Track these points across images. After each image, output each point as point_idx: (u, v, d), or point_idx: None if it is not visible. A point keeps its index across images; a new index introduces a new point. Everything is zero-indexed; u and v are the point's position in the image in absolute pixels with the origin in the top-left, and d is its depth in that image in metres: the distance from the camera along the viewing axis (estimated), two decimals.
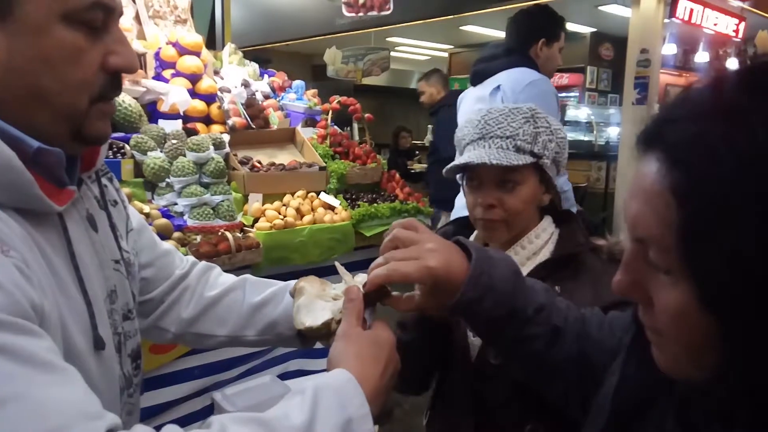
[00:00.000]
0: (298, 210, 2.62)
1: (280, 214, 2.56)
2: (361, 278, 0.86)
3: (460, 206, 2.55)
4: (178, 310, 0.98)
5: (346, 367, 0.69)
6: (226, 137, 2.63)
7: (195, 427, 0.63)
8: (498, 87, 2.33)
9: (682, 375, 0.51)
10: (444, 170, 1.20)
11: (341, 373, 0.67)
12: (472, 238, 1.25)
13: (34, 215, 0.62)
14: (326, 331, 0.81)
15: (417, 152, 7.41)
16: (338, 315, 0.80)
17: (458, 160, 1.16)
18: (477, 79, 2.51)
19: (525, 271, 1.14)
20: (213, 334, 0.99)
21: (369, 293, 0.80)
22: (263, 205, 2.59)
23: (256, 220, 2.52)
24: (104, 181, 0.82)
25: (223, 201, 2.41)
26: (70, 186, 0.68)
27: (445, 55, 10.04)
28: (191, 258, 1.07)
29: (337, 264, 0.92)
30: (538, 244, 1.17)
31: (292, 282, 1.00)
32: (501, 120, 1.13)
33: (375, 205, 2.86)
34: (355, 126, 3.50)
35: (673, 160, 0.44)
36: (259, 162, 2.72)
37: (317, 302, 0.84)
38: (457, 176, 1.25)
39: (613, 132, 6.89)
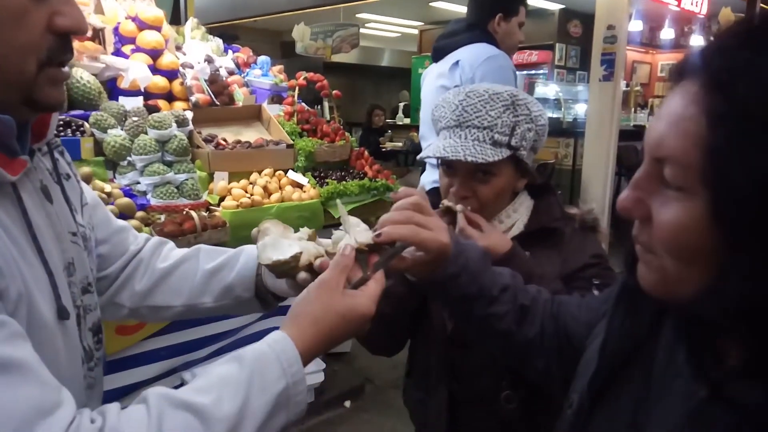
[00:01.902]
0: (265, 188, 2.59)
1: (246, 192, 2.53)
2: (361, 228, 0.86)
3: (424, 184, 2.55)
4: (132, 284, 0.97)
5: (297, 326, 0.70)
6: (189, 114, 2.58)
7: (134, 403, 0.64)
8: (457, 62, 2.32)
9: (664, 293, 0.53)
10: (418, 156, 1.20)
11: (282, 339, 0.68)
12: None
13: None
14: (294, 265, 0.81)
15: (389, 131, 7.39)
16: (309, 251, 0.83)
17: (433, 149, 1.12)
18: (438, 55, 2.50)
19: None
20: (168, 305, 0.97)
21: (370, 245, 0.81)
22: (229, 183, 2.55)
23: (222, 199, 2.48)
24: (56, 154, 0.80)
25: (187, 179, 2.37)
26: (22, 156, 0.67)
27: (416, 32, 9.96)
28: (145, 234, 1.05)
29: (339, 205, 0.94)
30: (514, 218, 1.18)
31: (245, 247, 1.01)
32: (479, 107, 1.09)
33: (344, 182, 2.85)
34: (326, 105, 3.45)
35: (717, 84, 0.46)
36: (224, 140, 2.68)
37: (283, 241, 0.84)
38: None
39: (581, 109, 6.97)
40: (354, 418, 2.89)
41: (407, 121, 8.16)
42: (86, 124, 2.26)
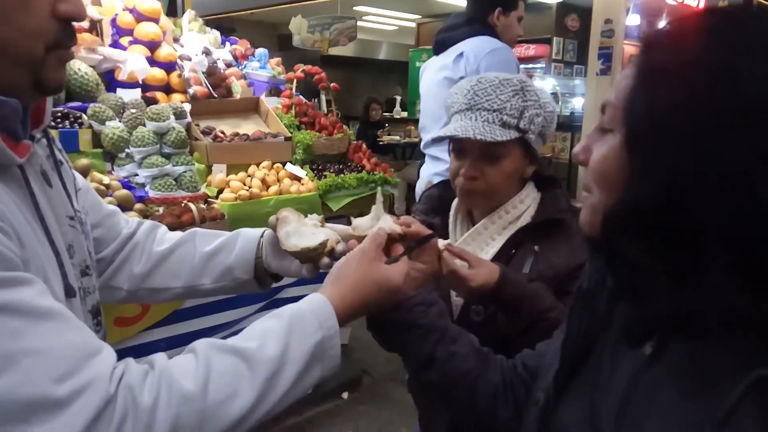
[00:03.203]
0: (263, 181, 2.60)
1: (245, 185, 2.53)
2: (389, 220, 0.93)
3: (424, 176, 2.56)
4: (130, 266, 0.99)
5: (336, 287, 0.77)
6: (187, 106, 2.58)
7: (183, 351, 0.69)
8: (461, 54, 2.33)
9: (594, 224, 0.60)
10: (431, 138, 1.22)
11: (319, 298, 0.75)
12: (455, 201, 1.28)
13: None
14: (321, 251, 0.89)
15: (387, 124, 7.38)
16: (331, 238, 0.90)
17: (445, 129, 1.16)
18: (440, 47, 2.51)
19: (506, 235, 1.18)
20: (167, 287, 1.00)
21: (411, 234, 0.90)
22: (227, 176, 2.56)
23: (220, 192, 2.49)
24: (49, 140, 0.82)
25: (185, 172, 2.37)
26: (25, 140, 0.69)
27: (413, 25, 9.93)
28: (136, 218, 1.08)
29: (378, 192, 1.01)
30: (521, 209, 1.20)
31: (241, 230, 1.06)
32: (490, 92, 1.13)
33: (342, 175, 2.85)
34: (323, 98, 3.45)
35: (645, 47, 0.58)
36: (222, 132, 2.68)
37: (304, 229, 0.91)
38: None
39: (578, 103, 6.97)
40: (351, 409, 2.91)
41: (404, 114, 8.15)
42: (84, 116, 2.26)
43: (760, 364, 0.45)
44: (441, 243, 1.05)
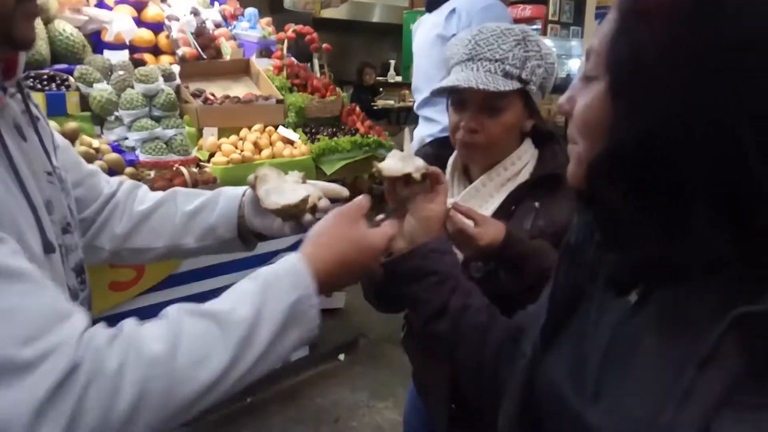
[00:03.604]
0: (255, 144, 2.57)
1: (237, 148, 2.50)
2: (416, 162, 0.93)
3: (418, 138, 2.53)
4: (111, 226, 0.98)
5: (312, 246, 0.75)
6: (176, 68, 2.53)
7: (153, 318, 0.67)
8: (453, 10, 2.28)
9: (580, 175, 0.61)
10: (431, 91, 1.19)
11: (295, 257, 0.73)
12: (451, 159, 1.26)
13: None
14: (303, 208, 0.87)
15: (381, 89, 7.28)
16: (312, 194, 0.88)
17: (445, 81, 1.14)
18: (432, 5, 2.45)
19: (505, 192, 1.16)
20: (149, 246, 0.99)
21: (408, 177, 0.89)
22: (219, 139, 2.53)
23: (212, 155, 2.46)
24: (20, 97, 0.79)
25: (175, 135, 2.34)
26: None
27: None
28: (117, 178, 1.06)
29: (406, 132, 1.01)
30: (519, 165, 1.18)
31: (223, 188, 1.04)
32: (492, 41, 1.11)
33: (335, 138, 2.82)
34: (315, 62, 3.39)
35: None
36: (213, 95, 2.63)
37: (284, 186, 0.89)
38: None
39: (574, 65, 6.87)
40: (348, 370, 2.95)
41: (399, 79, 8.04)
42: (71, 78, 2.21)
43: (741, 303, 0.45)
44: (447, 201, 1.05)
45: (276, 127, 2.71)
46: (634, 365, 0.54)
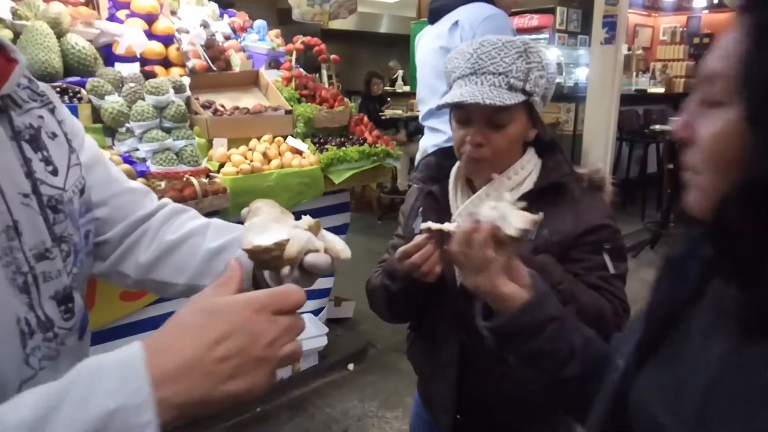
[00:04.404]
0: (264, 154, 2.58)
1: (246, 159, 2.52)
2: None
3: (423, 149, 2.54)
4: (137, 254, 0.89)
5: (154, 337, 0.52)
6: (187, 80, 2.55)
7: None
8: (456, 23, 2.28)
9: (706, 207, 0.56)
10: (436, 106, 1.19)
11: (131, 348, 0.51)
12: (454, 169, 1.26)
13: None
14: (277, 255, 0.68)
15: (389, 99, 7.31)
16: (300, 242, 0.70)
17: (450, 96, 1.13)
18: (434, 16, 2.46)
19: None
20: (172, 282, 0.88)
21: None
22: (228, 149, 2.55)
23: (221, 166, 2.48)
24: (42, 112, 0.76)
25: (186, 146, 2.36)
26: None
27: None
28: (164, 200, 0.95)
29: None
30: (523, 175, 1.18)
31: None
32: (494, 54, 1.10)
33: (343, 148, 2.84)
34: (324, 73, 3.41)
35: (754, 4, 0.53)
36: (222, 106, 2.66)
37: (273, 225, 0.73)
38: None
39: (582, 73, 6.87)
40: (357, 380, 2.95)
41: (407, 88, 8.07)
42: (83, 91, 2.24)
43: None
44: (451, 226, 1.03)
45: (285, 138, 2.73)
46: (749, 398, 0.50)
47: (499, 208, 0.85)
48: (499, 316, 0.82)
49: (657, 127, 6.02)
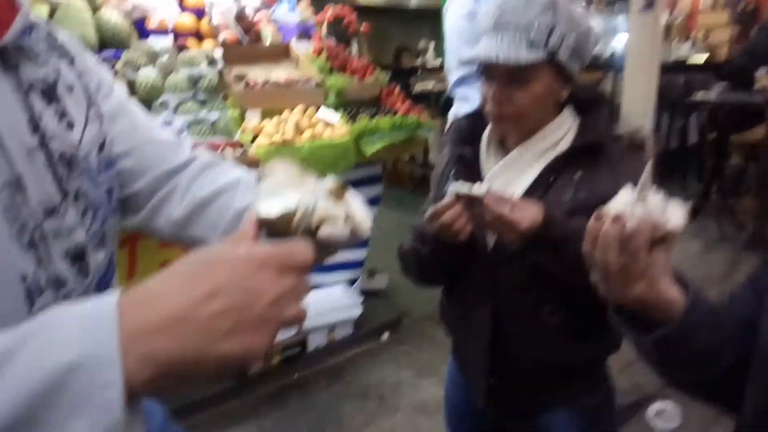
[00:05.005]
0: (296, 126, 2.59)
1: (278, 130, 2.54)
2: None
3: (453, 119, 2.51)
4: (169, 209, 0.86)
5: (138, 287, 0.46)
6: (219, 53, 2.57)
7: None
8: None
9: None
10: (458, 61, 1.17)
11: (104, 297, 0.44)
12: (486, 131, 1.23)
13: None
14: (285, 227, 0.60)
15: (419, 73, 7.22)
16: (315, 209, 0.61)
17: (473, 52, 1.11)
18: None
19: (543, 163, 1.13)
20: (206, 238, 0.84)
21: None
22: (261, 121, 2.56)
23: (254, 138, 2.50)
24: (60, 64, 0.74)
25: (219, 118, 2.39)
26: None
27: None
28: (195, 153, 0.91)
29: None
30: (558, 135, 1.15)
31: None
32: (518, 8, 1.06)
33: (375, 119, 2.82)
34: (354, 46, 3.39)
35: None
36: (255, 78, 2.67)
37: (286, 189, 0.63)
38: None
39: (619, 42, 6.65)
40: (391, 349, 2.97)
41: (437, 63, 7.96)
42: (119, 64, 2.28)
43: None
44: (480, 190, 1.02)
45: (316, 109, 2.73)
46: None
47: (649, 201, 0.70)
48: (665, 325, 0.70)
49: (699, 96, 5.80)
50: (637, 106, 5.16)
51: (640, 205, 0.69)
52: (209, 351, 0.44)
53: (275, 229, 0.60)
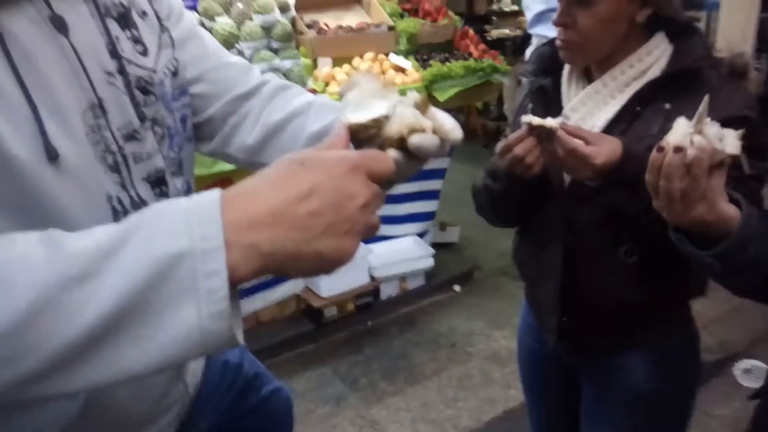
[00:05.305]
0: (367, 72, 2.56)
1: (350, 78, 2.51)
2: None
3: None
4: (242, 135, 0.85)
5: (238, 186, 0.47)
6: None
7: None
8: None
9: None
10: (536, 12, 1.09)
11: (208, 193, 0.46)
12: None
13: None
14: (375, 132, 0.60)
15: (494, 18, 6.91)
16: (404, 119, 0.61)
17: None
18: None
19: (632, 91, 1.05)
20: None
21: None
22: (333, 69, 2.54)
23: (326, 85, 2.49)
24: None
25: (293, 66, 2.39)
26: None
27: None
28: (266, 76, 0.90)
29: None
30: (648, 61, 1.04)
31: None
32: None
33: (448, 64, 2.73)
34: None
35: None
36: (326, 25, 2.64)
37: (373, 100, 0.64)
38: None
39: None
40: (463, 300, 2.96)
41: (515, 7, 7.59)
42: (195, 14, 2.31)
43: None
44: (553, 122, 0.96)
45: (387, 55, 2.67)
46: None
47: (706, 131, 0.79)
48: (724, 239, 0.79)
49: None
50: (734, 47, 4.71)
51: (697, 134, 0.77)
52: (307, 247, 0.45)
53: (365, 136, 0.61)
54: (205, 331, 0.42)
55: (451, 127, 0.63)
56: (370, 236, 0.49)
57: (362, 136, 0.61)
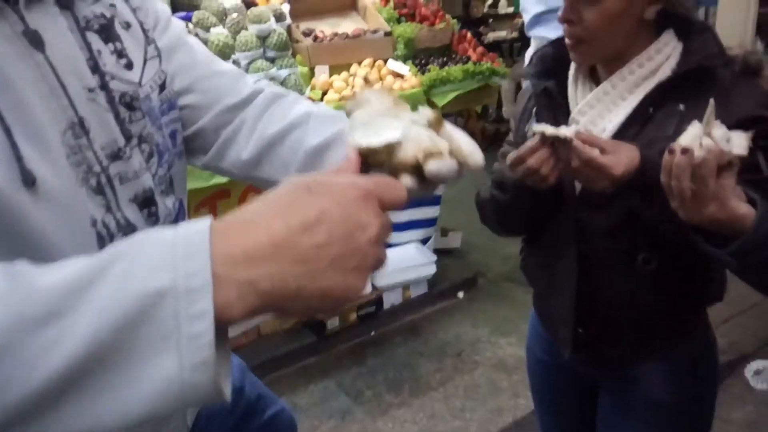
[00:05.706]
0: (365, 80, 2.52)
1: (347, 85, 2.48)
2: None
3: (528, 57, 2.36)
4: (237, 148, 0.81)
5: (235, 213, 0.43)
6: (286, 7, 2.53)
7: None
8: None
9: None
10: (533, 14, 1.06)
11: (197, 222, 0.41)
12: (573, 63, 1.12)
13: None
14: (386, 158, 0.55)
15: (490, 20, 6.90)
16: (418, 142, 0.56)
17: None
18: None
19: (642, 92, 1.01)
20: (276, 180, 0.75)
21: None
22: (330, 77, 2.52)
23: (324, 94, 2.46)
24: (115, 0, 0.70)
25: (289, 75, 2.36)
26: None
27: None
28: (259, 85, 0.85)
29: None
30: (658, 60, 1.01)
31: None
32: None
33: (446, 68, 2.70)
34: None
35: None
36: (322, 32, 2.61)
37: (382, 119, 0.60)
38: None
39: None
40: (468, 307, 2.92)
41: (510, 9, 7.58)
42: (190, 25, 2.28)
43: None
44: (568, 131, 0.92)
45: (385, 61, 2.65)
46: None
47: (714, 133, 0.82)
48: (739, 238, 0.81)
49: None
50: (732, 42, 4.68)
51: (706, 137, 0.80)
52: (311, 283, 0.40)
53: (375, 161, 0.56)
54: (185, 384, 0.37)
55: (471, 150, 0.58)
56: (377, 270, 0.45)
57: (372, 160, 0.56)
